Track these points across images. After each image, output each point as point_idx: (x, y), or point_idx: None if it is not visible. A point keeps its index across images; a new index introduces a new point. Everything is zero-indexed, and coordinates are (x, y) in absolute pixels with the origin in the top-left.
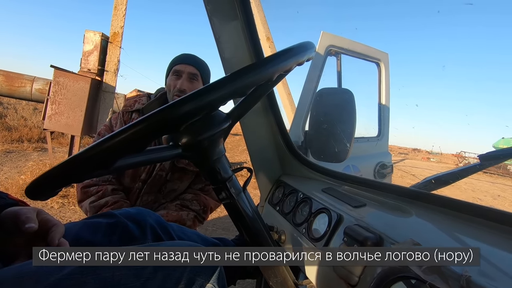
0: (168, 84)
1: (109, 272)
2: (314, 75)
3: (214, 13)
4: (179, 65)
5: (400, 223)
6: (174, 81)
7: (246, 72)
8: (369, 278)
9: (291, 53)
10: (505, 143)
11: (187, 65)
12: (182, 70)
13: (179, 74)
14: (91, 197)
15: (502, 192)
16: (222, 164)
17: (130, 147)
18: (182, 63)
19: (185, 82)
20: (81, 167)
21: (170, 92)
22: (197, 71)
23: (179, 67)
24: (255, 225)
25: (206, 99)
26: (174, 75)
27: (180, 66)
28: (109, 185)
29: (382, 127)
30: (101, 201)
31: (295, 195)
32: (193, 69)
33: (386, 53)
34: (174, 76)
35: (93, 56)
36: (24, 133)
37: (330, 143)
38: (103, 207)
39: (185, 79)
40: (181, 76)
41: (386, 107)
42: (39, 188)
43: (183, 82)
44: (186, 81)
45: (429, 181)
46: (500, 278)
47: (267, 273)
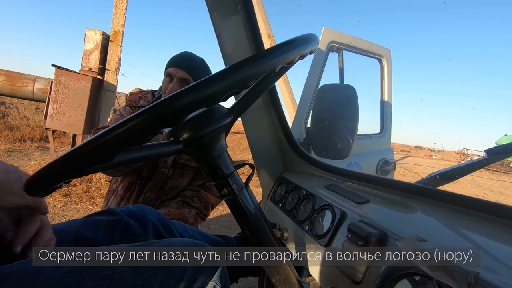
0: (162, 85)
1: (109, 270)
2: (316, 71)
3: (214, 7)
4: (172, 68)
5: (404, 219)
6: (167, 84)
7: (247, 63)
8: (373, 275)
9: (294, 45)
10: (508, 140)
11: (179, 69)
12: (174, 74)
13: (171, 77)
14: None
15: (506, 190)
16: (223, 160)
17: (129, 141)
18: (174, 67)
19: (176, 86)
20: (81, 161)
21: (164, 94)
22: (188, 76)
23: (171, 71)
24: (257, 222)
25: (206, 91)
26: (167, 77)
27: (173, 69)
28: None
29: (384, 124)
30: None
31: (297, 192)
32: (184, 73)
33: (388, 49)
34: (167, 78)
35: (94, 55)
36: (26, 133)
37: (333, 140)
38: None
39: (175, 84)
40: (172, 79)
41: (388, 103)
42: (38, 183)
43: (174, 87)
44: (176, 85)
45: (434, 176)
46: (508, 274)
47: (270, 271)
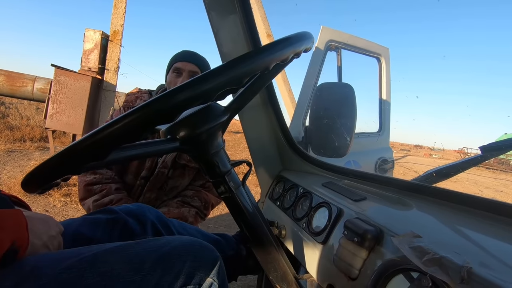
0: (169, 82)
1: (107, 267)
2: (314, 70)
3: (212, 7)
4: (180, 62)
5: (400, 216)
6: (175, 79)
7: (241, 61)
8: (369, 271)
9: (288, 42)
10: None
11: (188, 62)
12: (183, 68)
13: (180, 72)
14: (95, 195)
15: (505, 188)
16: (220, 157)
17: (125, 137)
18: (182, 61)
19: (186, 79)
20: (77, 157)
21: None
22: (197, 68)
23: (179, 65)
24: (254, 219)
25: (201, 88)
26: (174, 73)
27: (181, 63)
28: (112, 183)
29: (383, 122)
30: (105, 200)
31: (295, 190)
32: (193, 66)
33: (386, 48)
34: (174, 74)
35: (93, 54)
36: (26, 133)
37: (331, 138)
38: (107, 205)
39: (185, 77)
40: (182, 74)
41: (387, 102)
42: (34, 181)
43: (184, 81)
44: (186, 79)
45: (430, 174)
46: (501, 269)
47: (267, 267)
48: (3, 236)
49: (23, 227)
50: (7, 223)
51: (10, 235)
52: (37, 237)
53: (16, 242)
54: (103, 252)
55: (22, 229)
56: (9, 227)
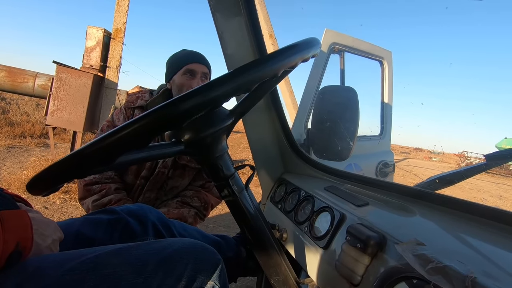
0: (180, 83)
1: (110, 269)
2: (317, 72)
3: (217, 8)
4: (193, 64)
5: (403, 222)
6: (188, 81)
7: (250, 68)
8: (372, 277)
9: (296, 49)
10: (508, 143)
11: (200, 64)
12: (196, 70)
13: (193, 74)
14: (94, 195)
15: (504, 193)
16: (224, 161)
17: (133, 143)
18: (196, 63)
19: (200, 82)
20: (83, 163)
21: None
22: (207, 70)
23: (193, 67)
24: (257, 223)
25: (210, 95)
26: (187, 75)
27: (194, 65)
28: (112, 183)
29: (384, 126)
30: (104, 200)
31: (297, 193)
32: (205, 68)
33: (389, 51)
34: (187, 76)
35: (95, 52)
36: (26, 129)
37: (333, 141)
38: (106, 205)
39: (199, 79)
40: (195, 76)
41: (389, 105)
42: (40, 183)
43: (199, 83)
44: (201, 81)
45: (433, 180)
46: (505, 280)
47: (269, 272)
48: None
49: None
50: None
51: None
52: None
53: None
54: (106, 254)
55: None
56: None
